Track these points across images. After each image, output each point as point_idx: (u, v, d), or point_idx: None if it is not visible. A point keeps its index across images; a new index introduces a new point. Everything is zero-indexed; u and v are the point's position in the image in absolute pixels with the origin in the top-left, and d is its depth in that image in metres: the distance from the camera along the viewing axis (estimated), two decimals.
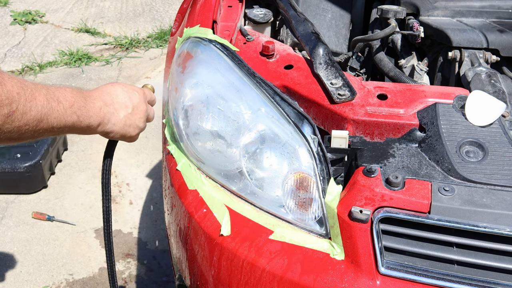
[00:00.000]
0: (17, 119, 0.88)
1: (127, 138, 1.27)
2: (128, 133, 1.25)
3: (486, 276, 1.03)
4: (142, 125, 1.29)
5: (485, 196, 1.04)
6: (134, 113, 1.24)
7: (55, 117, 0.98)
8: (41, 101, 0.94)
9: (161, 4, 5.53)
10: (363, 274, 1.06)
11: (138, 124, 1.27)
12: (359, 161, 1.16)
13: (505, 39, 1.52)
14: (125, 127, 1.22)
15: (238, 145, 1.24)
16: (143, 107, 1.28)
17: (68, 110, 1.02)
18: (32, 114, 0.91)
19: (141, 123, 1.28)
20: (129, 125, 1.23)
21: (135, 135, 1.28)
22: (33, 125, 0.92)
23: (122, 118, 1.20)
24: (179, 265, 1.42)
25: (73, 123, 1.04)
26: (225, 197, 1.26)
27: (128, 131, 1.24)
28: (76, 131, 1.10)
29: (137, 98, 1.26)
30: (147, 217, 2.80)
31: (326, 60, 1.33)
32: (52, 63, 4.36)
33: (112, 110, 1.18)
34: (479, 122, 1.18)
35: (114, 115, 1.18)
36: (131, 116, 1.24)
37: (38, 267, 2.52)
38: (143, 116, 1.28)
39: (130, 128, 1.24)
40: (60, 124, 1.01)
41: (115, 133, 1.21)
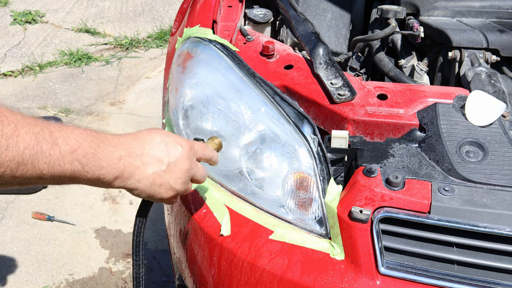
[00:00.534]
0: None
1: (156, 199, 1.02)
2: (158, 194, 1.00)
3: (486, 276, 1.03)
4: (179, 187, 1.02)
5: (485, 196, 1.04)
6: (168, 171, 0.99)
7: (45, 162, 0.80)
8: (26, 140, 0.76)
9: (161, 4, 5.53)
10: (363, 274, 1.06)
11: (172, 185, 1.00)
12: (359, 161, 1.16)
13: (505, 39, 1.52)
14: (154, 186, 0.98)
15: (238, 145, 1.24)
16: (184, 166, 1.01)
17: (67, 156, 0.82)
18: (8, 154, 0.74)
19: (177, 184, 1.01)
20: (159, 184, 0.99)
21: (167, 197, 1.02)
22: (10, 168, 0.76)
23: (150, 175, 0.97)
24: (179, 265, 1.42)
25: (74, 172, 0.85)
26: (225, 197, 1.26)
27: (158, 191, 1.00)
28: (82, 182, 0.89)
29: (178, 153, 1.00)
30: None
31: (326, 60, 1.33)
32: (52, 63, 4.35)
33: (138, 164, 0.94)
34: (479, 122, 1.18)
35: (140, 170, 0.95)
36: (164, 174, 0.99)
37: (38, 267, 2.52)
38: (182, 176, 1.02)
39: (160, 189, 1.00)
40: (54, 172, 0.82)
41: (140, 191, 0.98)
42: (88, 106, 3.82)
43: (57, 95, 3.96)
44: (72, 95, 3.95)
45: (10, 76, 4.22)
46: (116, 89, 4.00)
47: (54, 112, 3.75)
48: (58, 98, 3.92)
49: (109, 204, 2.89)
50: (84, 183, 0.90)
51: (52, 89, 4.04)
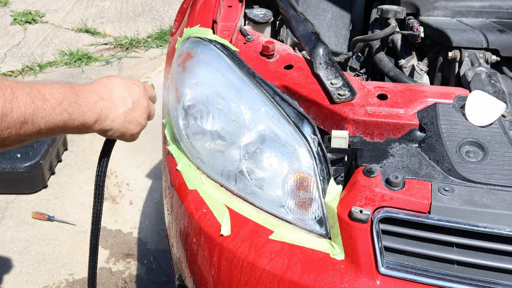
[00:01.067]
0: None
1: (127, 136, 1.16)
2: (129, 131, 1.14)
3: (486, 276, 1.03)
4: (143, 122, 1.18)
5: (485, 196, 1.04)
6: (134, 108, 1.14)
7: (42, 117, 0.88)
8: (24, 100, 0.84)
9: (161, 4, 5.53)
10: (363, 274, 1.06)
11: (139, 121, 1.16)
12: (359, 161, 1.16)
13: (505, 39, 1.52)
14: (126, 123, 1.12)
15: (238, 145, 1.24)
16: (144, 102, 1.17)
17: (57, 108, 0.92)
18: (13, 116, 0.81)
19: (142, 119, 1.17)
20: (129, 121, 1.13)
21: (136, 132, 1.18)
22: (16, 128, 0.83)
23: (121, 114, 1.10)
24: (179, 265, 1.42)
25: (65, 122, 0.94)
26: (225, 197, 1.26)
27: (129, 128, 1.14)
28: (70, 131, 1.00)
29: (137, 92, 1.16)
30: (147, 217, 2.80)
31: (326, 60, 1.33)
32: (52, 63, 4.36)
33: (110, 105, 1.07)
34: (479, 122, 1.18)
35: (113, 111, 1.07)
36: (132, 111, 1.13)
37: (38, 267, 2.52)
38: (144, 111, 1.18)
39: (130, 125, 1.13)
40: (49, 125, 0.91)
41: (114, 130, 1.10)
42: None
43: None
44: None
45: (10, 76, 4.22)
46: None
47: None
48: None
49: (109, 204, 2.89)
50: (70, 132, 1.00)
51: None
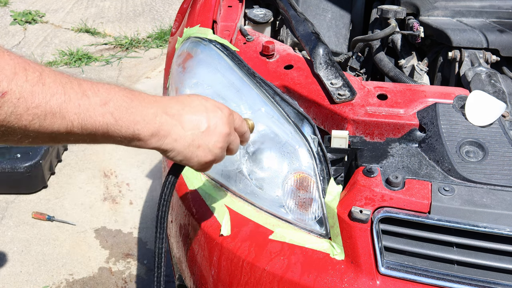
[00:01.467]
0: (11, 103, 0.67)
1: (193, 162, 0.94)
2: (196, 157, 0.92)
3: (486, 276, 1.03)
4: (217, 152, 0.94)
5: (485, 196, 1.04)
6: (207, 133, 0.92)
7: (75, 112, 0.74)
8: (52, 88, 0.71)
9: (161, 4, 5.53)
10: (363, 274, 1.06)
11: (211, 148, 0.93)
12: (359, 161, 1.16)
13: (505, 39, 1.52)
14: (192, 147, 0.91)
15: None
16: (224, 130, 0.94)
17: (99, 108, 0.77)
18: (34, 101, 0.69)
19: (216, 148, 0.94)
20: (197, 146, 0.91)
21: (206, 161, 0.94)
22: (39, 118, 0.70)
23: (188, 135, 0.90)
24: (179, 265, 1.42)
25: (108, 127, 0.78)
26: (225, 197, 1.26)
27: (196, 153, 0.92)
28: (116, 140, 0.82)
29: (218, 117, 0.94)
30: (147, 217, 2.80)
31: (326, 60, 1.33)
32: (52, 63, 4.35)
33: (175, 122, 0.88)
34: (479, 122, 1.18)
35: (177, 129, 0.88)
36: (203, 136, 0.91)
37: (38, 267, 2.52)
38: (221, 140, 0.94)
39: (199, 150, 0.92)
40: (85, 125, 0.76)
41: (176, 152, 0.90)
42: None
43: None
44: None
45: None
46: None
47: None
48: None
49: (109, 204, 2.89)
50: (118, 142, 0.83)
51: None
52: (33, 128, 0.71)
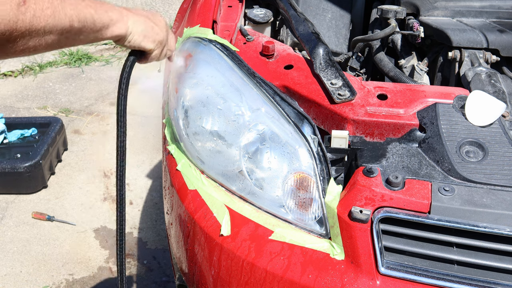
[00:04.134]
0: (31, 8, 0.81)
1: (149, 42, 1.13)
2: (153, 34, 1.13)
3: (486, 276, 1.03)
4: (165, 34, 1.17)
5: (485, 196, 1.04)
6: (154, 18, 1.15)
7: (71, 8, 0.90)
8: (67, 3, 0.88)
9: (161, 4, 5.53)
10: (363, 274, 1.06)
11: (161, 29, 1.16)
12: (359, 161, 1.16)
13: (505, 39, 1.52)
14: (147, 27, 1.11)
15: (238, 145, 1.24)
16: (164, 21, 1.19)
17: (81, 3, 0.94)
18: (45, 3, 0.84)
19: (164, 30, 1.17)
20: (151, 26, 1.13)
21: (160, 39, 1.15)
22: (50, 15, 0.85)
23: (142, 18, 1.10)
24: (179, 265, 1.42)
25: (92, 16, 0.96)
26: (225, 197, 1.26)
27: (151, 33, 1.12)
28: (100, 30, 1.00)
29: (156, 13, 1.19)
30: (147, 217, 2.80)
31: (326, 60, 1.33)
32: (52, 63, 4.35)
33: (128, 11, 1.08)
34: (479, 122, 1.18)
35: (132, 14, 1.09)
36: (152, 19, 1.14)
37: (38, 267, 2.52)
38: (165, 26, 1.18)
39: (153, 30, 1.13)
40: (79, 17, 0.92)
41: (138, 30, 1.09)
42: (88, 106, 3.82)
43: (57, 95, 3.97)
44: (72, 95, 3.96)
45: (10, 76, 4.22)
46: (116, 89, 4.00)
47: (54, 112, 3.75)
48: (58, 98, 3.92)
49: (109, 204, 2.89)
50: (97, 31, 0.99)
51: (52, 89, 4.05)
52: (49, 27, 0.86)
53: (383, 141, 1.21)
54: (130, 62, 1.17)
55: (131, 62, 1.17)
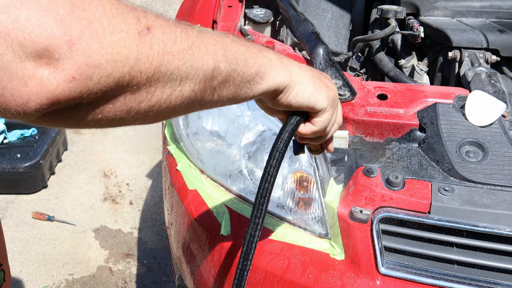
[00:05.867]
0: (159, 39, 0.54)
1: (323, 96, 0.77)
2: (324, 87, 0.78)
3: (486, 276, 1.03)
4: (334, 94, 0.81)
5: (485, 196, 1.04)
6: (325, 78, 0.81)
7: (213, 43, 0.63)
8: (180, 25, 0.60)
9: (161, 4, 5.53)
10: (363, 274, 1.06)
11: (333, 92, 0.80)
12: (359, 161, 1.16)
13: (505, 39, 1.52)
14: (315, 77, 0.78)
15: (238, 145, 1.24)
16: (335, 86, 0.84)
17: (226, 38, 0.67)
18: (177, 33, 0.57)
19: (334, 88, 0.82)
20: (318, 78, 0.79)
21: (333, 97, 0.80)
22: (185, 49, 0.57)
23: (304, 67, 0.78)
24: (179, 265, 1.42)
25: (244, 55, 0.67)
26: (225, 197, 1.26)
27: (322, 84, 0.78)
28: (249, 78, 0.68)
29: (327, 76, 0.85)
30: (147, 217, 2.80)
31: (326, 60, 1.33)
32: None
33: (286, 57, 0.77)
34: (479, 122, 1.18)
35: (292, 61, 0.77)
36: (321, 77, 0.80)
37: (38, 267, 2.52)
38: (332, 81, 0.83)
39: (323, 81, 0.79)
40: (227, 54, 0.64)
41: (306, 83, 0.76)
42: None
43: None
44: None
45: None
46: None
47: None
48: None
49: (109, 204, 2.89)
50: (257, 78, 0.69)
51: None
52: (185, 69, 0.57)
53: (383, 141, 1.21)
54: (295, 121, 0.80)
55: (296, 122, 0.81)
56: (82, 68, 0.48)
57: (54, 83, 0.47)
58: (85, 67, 0.48)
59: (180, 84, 0.58)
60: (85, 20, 0.48)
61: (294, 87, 0.75)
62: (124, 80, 0.51)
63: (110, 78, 0.50)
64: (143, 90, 0.54)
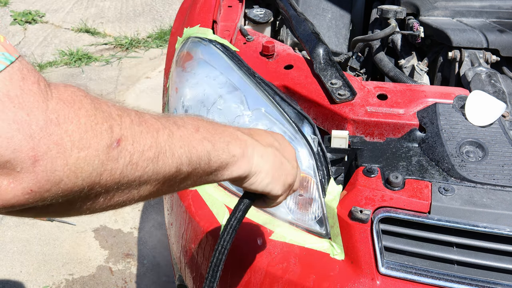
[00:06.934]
0: (127, 151, 0.56)
1: (279, 185, 0.83)
2: (282, 175, 0.83)
3: (486, 276, 1.03)
4: (295, 172, 0.86)
5: (485, 196, 1.04)
6: (281, 149, 0.84)
7: (181, 145, 0.64)
8: (154, 124, 0.62)
9: (161, 4, 5.53)
10: (363, 274, 1.06)
11: (290, 168, 0.85)
12: (359, 161, 1.16)
13: (505, 39, 1.52)
14: (276, 164, 0.81)
15: None
16: (292, 150, 0.88)
17: (196, 135, 0.68)
18: (147, 142, 0.59)
19: (294, 167, 0.86)
20: (280, 163, 0.82)
21: (289, 183, 0.85)
22: (151, 160, 0.59)
23: (269, 151, 0.80)
24: (179, 265, 1.41)
25: (209, 154, 0.69)
26: (225, 197, 1.26)
27: (281, 172, 0.82)
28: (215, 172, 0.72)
29: (283, 138, 0.88)
30: (147, 217, 2.80)
31: (326, 60, 1.33)
32: (52, 63, 4.35)
33: (254, 140, 0.79)
34: (479, 122, 1.18)
35: (259, 146, 0.79)
36: (280, 152, 0.83)
37: (38, 267, 2.52)
38: (294, 160, 0.87)
39: (281, 170, 0.82)
40: (191, 156, 0.66)
41: (264, 173, 0.79)
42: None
43: None
44: None
45: None
46: (116, 89, 4.00)
47: None
48: None
49: None
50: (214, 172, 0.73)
51: None
52: (146, 177, 0.60)
53: (383, 141, 1.21)
54: (243, 207, 0.87)
55: (245, 207, 0.87)
56: (42, 183, 0.49)
57: (11, 193, 0.48)
58: (45, 182, 0.49)
59: (139, 187, 0.60)
60: (56, 136, 0.49)
61: (252, 177, 0.79)
62: (82, 192, 0.53)
63: (68, 191, 0.51)
64: (101, 197, 0.56)
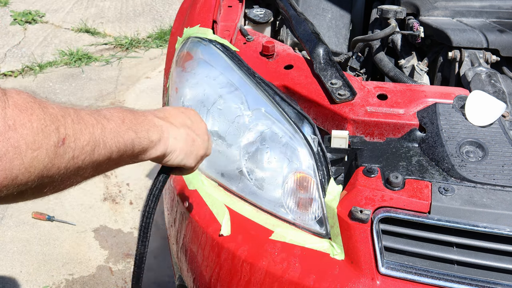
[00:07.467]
0: (70, 148, 0.66)
1: (191, 158, 0.98)
2: (194, 151, 0.98)
3: (486, 276, 1.03)
4: (206, 144, 1.01)
5: (485, 196, 1.04)
6: (194, 128, 0.98)
7: (111, 137, 0.76)
8: (89, 120, 0.72)
9: (161, 4, 5.53)
10: (363, 274, 1.06)
11: (201, 143, 1.00)
12: (359, 161, 1.16)
13: (505, 39, 1.52)
14: (188, 143, 0.96)
15: (238, 145, 1.24)
16: (203, 125, 1.02)
17: (122, 126, 0.80)
18: (85, 138, 0.69)
19: (205, 141, 1.01)
20: (192, 140, 0.97)
21: (201, 155, 1.00)
22: (89, 153, 0.70)
23: (182, 131, 0.95)
24: (179, 265, 1.41)
25: (133, 141, 0.82)
26: (225, 197, 1.26)
27: (193, 148, 0.97)
28: (137, 154, 0.85)
29: (194, 114, 1.02)
30: None
31: (326, 60, 1.33)
32: (52, 63, 4.35)
33: (168, 124, 0.93)
34: (479, 122, 1.18)
35: (173, 127, 0.93)
36: (192, 130, 0.98)
37: (38, 267, 2.52)
38: (205, 132, 1.02)
39: (194, 146, 0.97)
40: (119, 145, 0.78)
41: (178, 151, 0.94)
42: (88, 106, 3.81)
43: (57, 95, 3.96)
44: (72, 95, 3.95)
45: (10, 76, 4.22)
46: (116, 89, 4.00)
47: None
48: (58, 98, 3.92)
49: (109, 204, 2.89)
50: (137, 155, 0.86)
51: (52, 89, 4.04)
52: (84, 166, 0.70)
53: (383, 141, 1.21)
54: (161, 181, 1.02)
55: (162, 181, 1.02)
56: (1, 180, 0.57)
57: None
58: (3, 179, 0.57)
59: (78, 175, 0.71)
60: (13, 140, 0.57)
61: (168, 156, 0.93)
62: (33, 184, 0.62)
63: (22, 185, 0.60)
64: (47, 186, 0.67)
